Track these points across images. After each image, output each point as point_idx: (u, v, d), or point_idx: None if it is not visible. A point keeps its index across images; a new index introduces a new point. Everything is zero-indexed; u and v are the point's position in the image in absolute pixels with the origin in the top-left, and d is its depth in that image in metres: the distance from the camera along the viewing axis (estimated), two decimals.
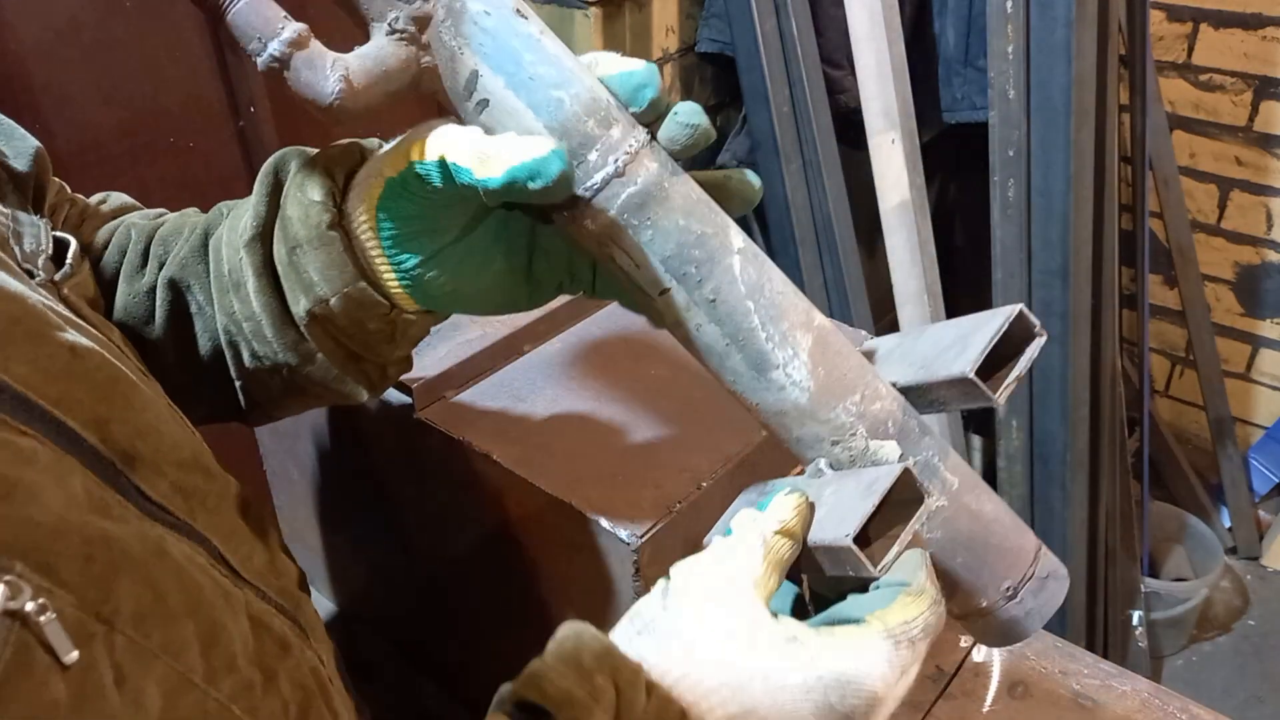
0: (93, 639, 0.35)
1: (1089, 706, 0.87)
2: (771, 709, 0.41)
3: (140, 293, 0.58)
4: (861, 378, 0.46)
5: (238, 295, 0.54)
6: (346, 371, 0.56)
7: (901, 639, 0.42)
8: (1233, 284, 2.27)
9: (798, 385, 0.46)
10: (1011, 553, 0.48)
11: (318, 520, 0.91)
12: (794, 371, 0.46)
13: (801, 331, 0.46)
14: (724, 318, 0.46)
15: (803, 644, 0.41)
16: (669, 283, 0.46)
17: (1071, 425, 1.60)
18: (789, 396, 0.46)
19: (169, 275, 0.57)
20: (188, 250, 0.57)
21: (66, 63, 0.97)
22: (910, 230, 1.58)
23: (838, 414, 0.46)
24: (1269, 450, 2.31)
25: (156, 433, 0.44)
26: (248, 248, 0.53)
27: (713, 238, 0.45)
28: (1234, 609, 2.17)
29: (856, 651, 0.41)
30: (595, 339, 0.80)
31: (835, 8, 1.53)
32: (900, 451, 0.46)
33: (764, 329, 0.46)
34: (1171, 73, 2.13)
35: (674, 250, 0.45)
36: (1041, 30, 1.42)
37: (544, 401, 0.73)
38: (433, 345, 0.76)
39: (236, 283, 0.54)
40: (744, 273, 0.45)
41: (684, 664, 0.42)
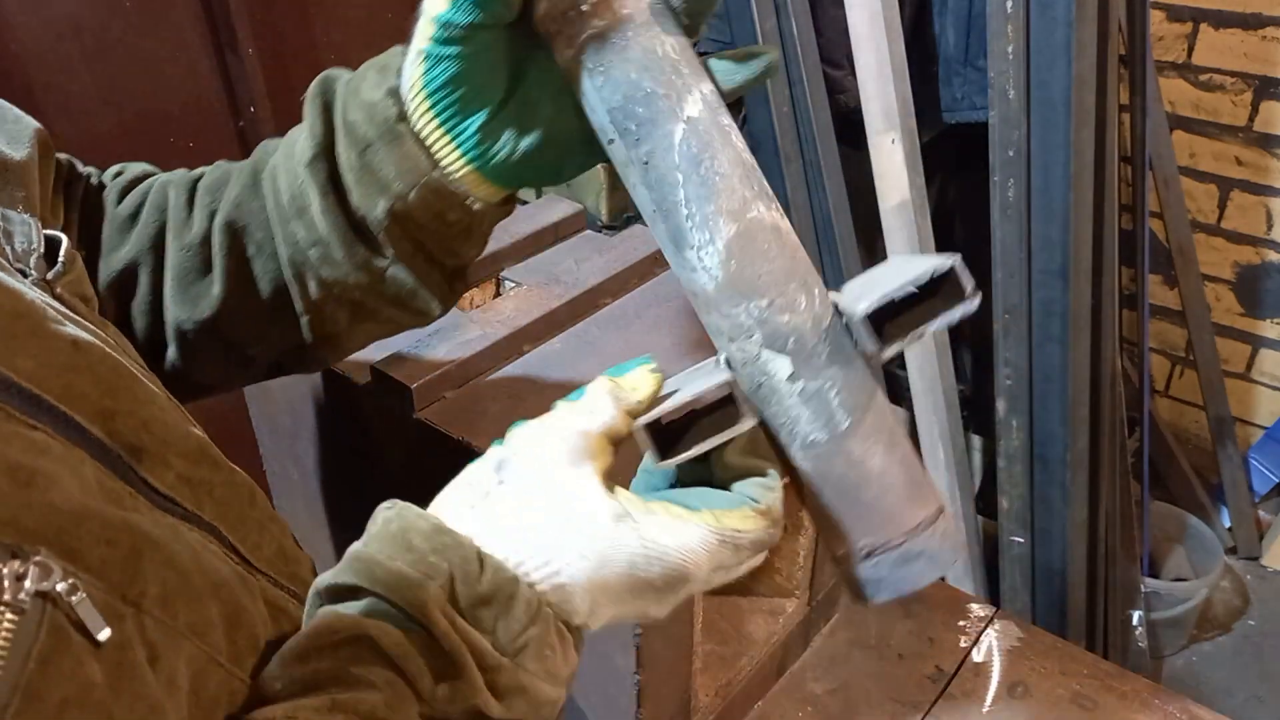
0: (122, 620, 0.35)
1: (1089, 706, 0.87)
2: (596, 582, 0.43)
3: (193, 245, 0.57)
4: (779, 285, 0.44)
5: (302, 220, 0.54)
6: (423, 280, 0.55)
7: (727, 538, 0.43)
8: (1233, 284, 2.27)
9: (707, 271, 0.45)
10: (883, 514, 0.46)
11: (318, 520, 0.91)
12: (706, 257, 0.44)
13: (727, 219, 0.44)
14: (654, 183, 0.45)
15: (631, 519, 0.42)
16: (613, 135, 0.45)
17: (1071, 425, 1.60)
18: (698, 280, 0.45)
19: (224, 219, 0.56)
20: (239, 190, 0.56)
21: (66, 63, 0.97)
22: (910, 230, 1.57)
23: (739, 313, 0.44)
24: (1269, 450, 2.31)
25: (161, 424, 0.44)
26: (310, 167, 0.52)
27: (662, 99, 0.44)
28: (1234, 609, 2.17)
29: (678, 530, 0.43)
30: (595, 339, 0.80)
31: (835, 8, 1.53)
32: (791, 370, 0.44)
33: (686, 205, 0.44)
34: (1171, 73, 2.13)
35: (620, 103, 0.44)
36: (1041, 30, 1.42)
37: (544, 401, 0.73)
38: (433, 345, 0.76)
39: (300, 208, 0.53)
40: (684, 143, 0.44)
41: (516, 542, 0.42)
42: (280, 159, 0.55)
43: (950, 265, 0.41)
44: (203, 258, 0.57)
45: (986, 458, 2.09)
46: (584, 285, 0.83)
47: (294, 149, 0.54)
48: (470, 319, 0.79)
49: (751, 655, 0.85)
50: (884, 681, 0.90)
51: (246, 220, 0.56)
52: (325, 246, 0.53)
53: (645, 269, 0.88)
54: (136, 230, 0.58)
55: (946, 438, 1.68)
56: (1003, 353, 1.61)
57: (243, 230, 0.56)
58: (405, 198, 0.51)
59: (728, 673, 0.83)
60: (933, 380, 1.65)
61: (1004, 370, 1.61)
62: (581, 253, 0.89)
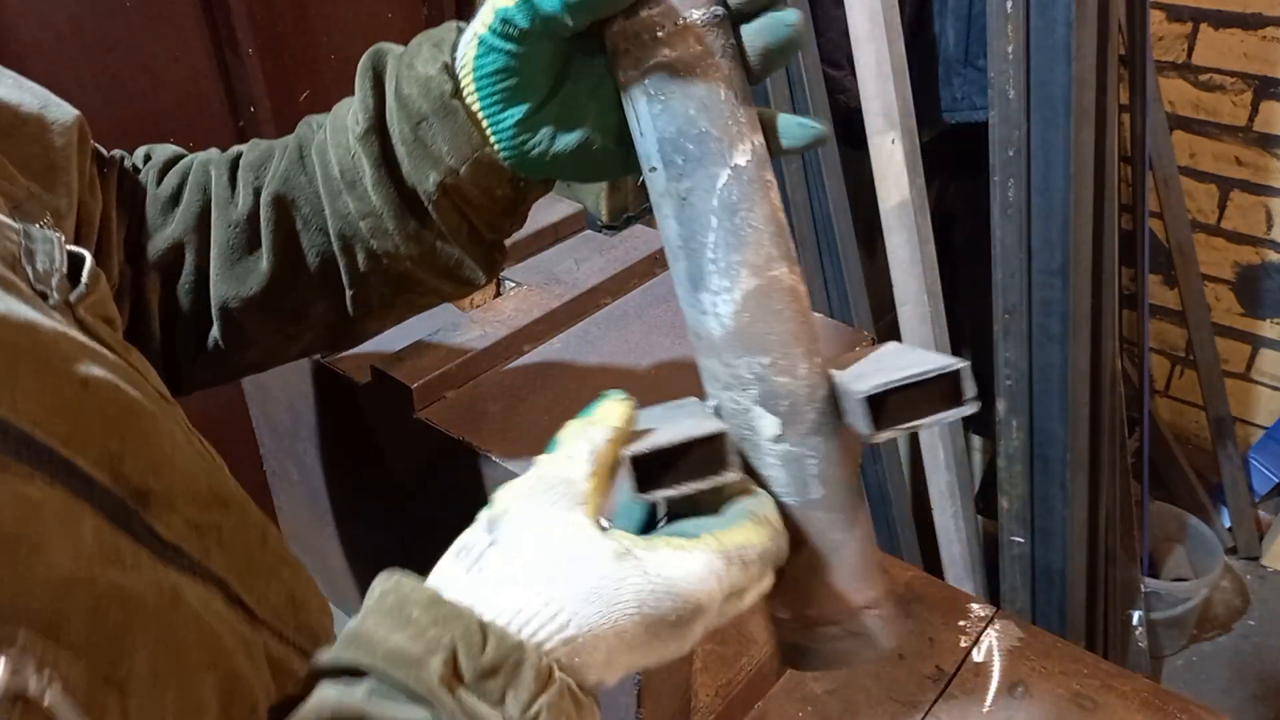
0: (105, 709, 0.33)
1: (1089, 707, 0.87)
2: (608, 628, 0.40)
3: (239, 222, 0.57)
4: (785, 346, 0.45)
5: (353, 193, 0.54)
6: (468, 252, 0.56)
7: (734, 557, 0.42)
8: (1233, 284, 2.27)
9: (719, 318, 0.45)
10: (834, 588, 0.46)
11: (318, 520, 0.91)
12: (721, 304, 0.45)
13: (750, 272, 0.45)
14: (686, 220, 0.45)
15: (633, 557, 0.41)
16: (656, 163, 0.46)
17: (1071, 425, 1.60)
18: (707, 324, 0.46)
19: (272, 193, 0.56)
20: (286, 166, 0.57)
21: (66, 63, 0.97)
22: (910, 230, 1.57)
23: (740, 365, 0.45)
24: (1269, 450, 2.31)
25: (171, 465, 0.43)
26: (362, 140, 0.53)
27: (715, 141, 0.44)
28: (1234, 609, 2.17)
29: (681, 560, 0.41)
30: (595, 339, 0.80)
31: (835, 8, 1.53)
32: (778, 431, 0.45)
33: (714, 250, 0.45)
34: (1171, 73, 2.13)
35: (673, 135, 0.45)
36: (1041, 30, 1.42)
37: (544, 401, 0.73)
38: (433, 345, 0.76)
39: (351, 181, 0.54)
40: (726, 189, 0.44)
41: (517, 598, 0.40)
42: (330, 133, 0.55)
43: (957, 368, 0.42)
44: (250, 234, 0.57)
45: (986, 458, 2.10)
46: (584, 285, 0.83)
47: (344, 122, 0.54)
48: (470, 319, 0.79)
49: (751, 655, 0.85)
50: (884, 681, 0.90)
51: (294, 195, 0.57)
52: (377, 218, 0.54)
53: (645, 269, 0.88)
54: (180, 210, 0.58)
55: (946, 438, 1.68)
56: (1003, 353, 1.61)
57: (291, 204, 0.57)
58: (457, 172, 0.51)
59: (728, 673, 0.83)
60: None
61: (1004, 370, 1.61)
62: (581, 253, 0.89)
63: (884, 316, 1.77)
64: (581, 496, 0.43)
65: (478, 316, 0.79)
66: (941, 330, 1.64)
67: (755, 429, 0.45)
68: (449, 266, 0.56)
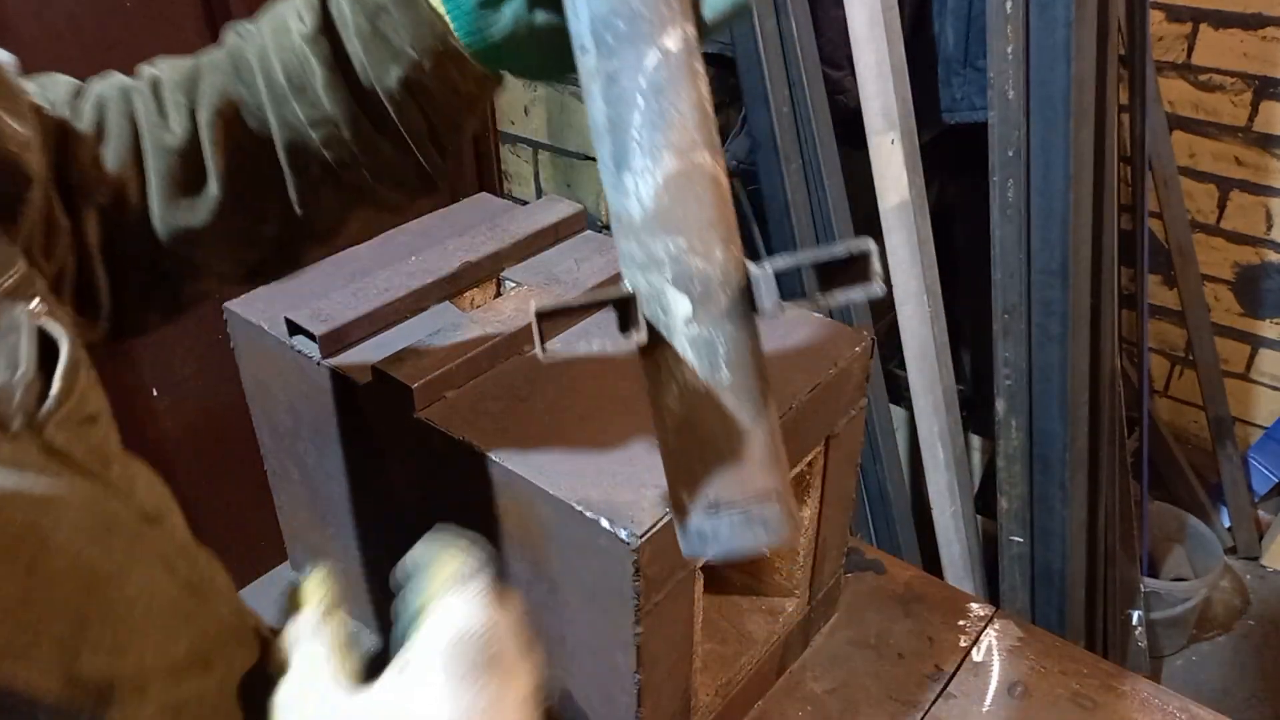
0: None
1: (1089, 706, 0.87)
2: None
3: (178, 149, 0.53)
4: (702, 231, 0.46)
5: (302, 100, 0.51)
6: (425, 155, 0.54)
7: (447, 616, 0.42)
8: (1232, 284, 2.27)
9: (639, 199, 0.46)
10: (738, 472, 0.47)
11: (318, 520, 0.91)
12: (642, 185, 0.46)
13: (672, 154, 0.45)
14: (613, 99, 0.46)
15: (385, 703, 0.41)
16: (588, 43, 0.46)
17: (1071, 425, 1.60)
18: (628, 205, 0.46)
19: (210, 114, 0.52)
20: (221, 80, 0.52)
21: (66, 63, 0.97)
22: (910, 230, 1.57)
23: (657, 246, 0.46)
24: (1269, 450, 2.31)
25: (143, 637, 0.39)
26: (313, 43, 0.49)
27: (646, 23, 0.45)
28: (1234, 609, 2.17)
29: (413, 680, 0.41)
30: (596, 338, 0.80)
31: (835, 8, 1.53)
32: (690, 313, 0.45)
33: (639, 130, 0.45)
34: (1171, 73, 2.13)
35: (605, 13, 0.45)
36: (1041, 30, 1.42)
37: (544, 401, 0.73)
38: (433, 345, 0.76)
39: (300, 86, 0.51)
40: (655, 71, 0.45)
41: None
42: (269, 37, 0.52)
43: (865, 250, 0.43)
44: (192, 161, 0.53)
45: (986, 458, 2.09)
46: (584, 285, 0.83)
47: (286, 24, 0.51)
48: (470, 319, 0.79)
49: (751, 655, 0.85)
50: (884, 681, 0.90)
51: (235, 111, 0.52)
52: (331, 125, 0.51)
53: None
54: (109, 146, 0.53)
55: (946, 438, 1.68)
56: (1002, 353, 1.61)
57: (232, 122, 0.52)
58: (421, 65, 0.49)
59: (728, 672, 0.83)
60: (932, 380, 1.65)
61: (1004, 370, 1.61)
62: (581, 253, 0.89)
63: (884, 316, 1.77)
64: (332, 677, 0.43)
65: (478, 316, 0.79)
66: (941, 330, 1.64)
67: (668, 310, 0.46)
68: (404, 175, 0.54)
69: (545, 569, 0.69)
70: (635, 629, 0.65)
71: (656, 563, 0.64)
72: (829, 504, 0.85)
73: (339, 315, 0.78)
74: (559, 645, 0.72)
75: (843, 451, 0.84)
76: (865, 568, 1.02)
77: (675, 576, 0.67)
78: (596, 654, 0.69)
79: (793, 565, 0.88)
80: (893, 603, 0.98)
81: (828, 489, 0.84)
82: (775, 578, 0.91)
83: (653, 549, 0.62)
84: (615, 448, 0.69)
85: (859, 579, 1.01)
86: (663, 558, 0.64)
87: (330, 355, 0.77)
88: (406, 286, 0.82)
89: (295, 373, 0.80)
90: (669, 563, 0.66)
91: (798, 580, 0.89)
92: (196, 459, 1.15)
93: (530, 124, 1.62)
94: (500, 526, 0.71)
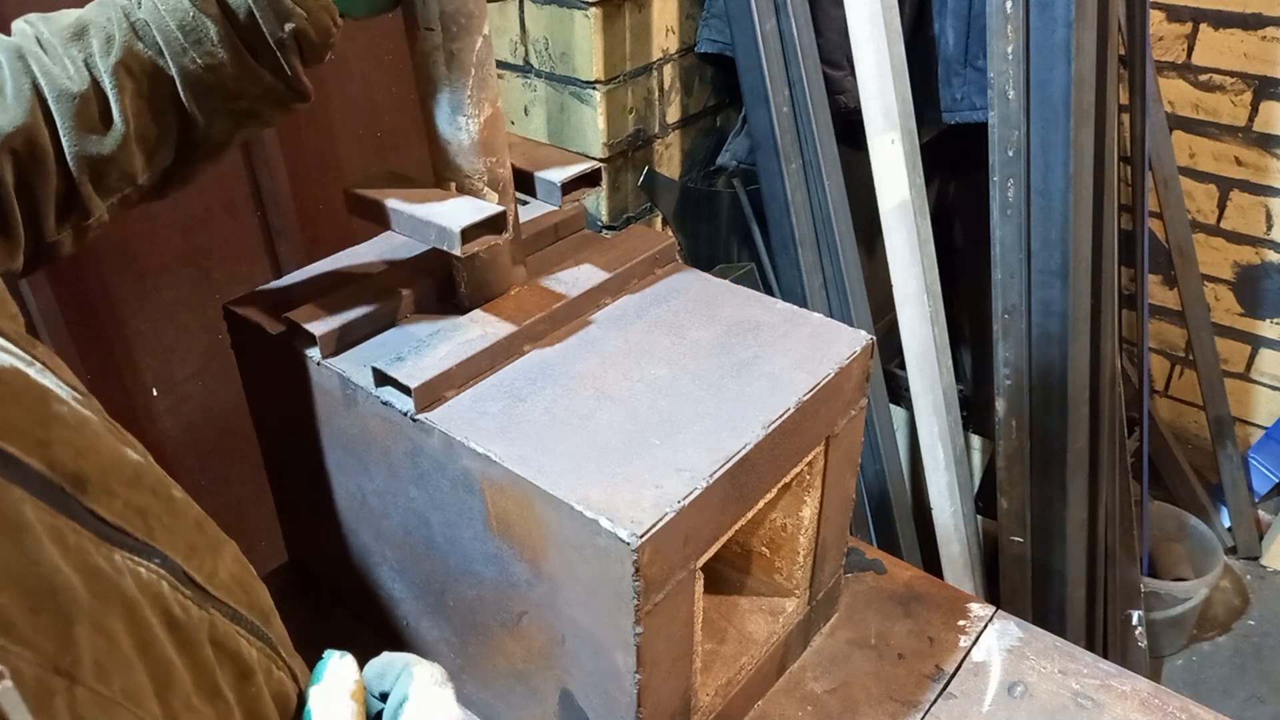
0: (53, 697, 0.34)
1: (1089, 706, 0.87)
2: None
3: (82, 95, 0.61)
4: (503, 151, 0.75)
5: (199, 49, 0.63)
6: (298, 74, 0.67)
7: None
8: (1232, 284, 2.27)
9: (468, 132, 0.72)
10: None
11: (318, 520, 0.91)
12: (471, 124, 0.72)
13: (489, 105, 0.72)
14: (455, 67, 0.69)
15: None
16: (435, 25, 0.68)
17: (1071, 425, 1.60)
18: (460, 137, 0.73)
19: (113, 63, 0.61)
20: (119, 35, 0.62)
21: None
22: (910, 230, 1.58)
23: (478, 161, 0.74)
24: (1269, 450, 2.31)
25: (96, 451, 0.43)
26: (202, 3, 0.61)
27: (475, 17, 0.69)
28: (1234, 609, 2.17)
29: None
30: (595, 339, 0.80)
31: (835, 8, 1.53)
32: (497, 199, 0.75)
33: (471, 90, 0.71)
34: (1171, 73, 2.13)
35: (453, 10, 0.67)
36: (1041, 30, 1.42)
37: (544, 401, 0.73)
38: (433, 345, 0.76)
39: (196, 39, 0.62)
40: (483, 48, 0.70)
41: None
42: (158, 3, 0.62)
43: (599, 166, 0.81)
44: (99, 104, 0.62)
45: (986, 458, 2.09)
46: (584, 285, 0.83)
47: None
48: (470, 319, 0.79)
49: (751, 655, 0.85)
50: (884, 681, 0.90)
51: (136, 60, 0.62)
52: (223, 68, 0.63)
53: (645, 269, 0.88)
54: (9, 99, 0.60)
55: (946, 438, 1.68)
56: (1002, 353, 1.61)
57: (134, 70, 0.62)
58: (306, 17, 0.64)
59: (728, 672, 0.83)
60: (932, 380, 1.65)
61: (1004, 370, 1.61)
62: (581, 253, 0.89)
63: (884, 316, 1.77)
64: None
65: (478, 316, 0.79)
66: (941, 330, 1.64)
67: (483, 197, 0.75)
68: (282, 94, 0.67)
69: (545, 569, 0.69)
70: (635, 629, 0.65)
71: (656, 563, 0.64)
72: (829, 504, 0.85)
73: (339, 315, 0.78)
74: (559, 645, 0.72)
75: (843, 451, 0.84)
76: (865, 568, 1.02)
77: (675, 576, 0.67)
78: (596, 654, 0.69)
79: (793, 565, 0.88)
80: (893, 603, 0.98)
81: (828, 489, 0.84)
82: (775, 578, 0.91)
83: (653, 549, 0.62)
84: (615, 448, 0.69)
85: (859, 579, 1.01)
86: (663, 558, 0.64)
87: (330, 355, 0.77)
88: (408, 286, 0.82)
89: (295, 372, 0.80)
90: (669, 563, 0.66)
91: (798, 580, 0.89)
92: (196, 459, 1.15)
93: (530, 124, 1.62)
94: (500, 527, 0.71)
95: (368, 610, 0.93)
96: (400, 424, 0.73)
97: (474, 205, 0.73)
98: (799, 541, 0.86)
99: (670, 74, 1.65)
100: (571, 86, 1.54)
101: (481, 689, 0.84)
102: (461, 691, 0.87)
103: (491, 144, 0.73)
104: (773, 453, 0.73)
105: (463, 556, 0.76)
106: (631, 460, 0.67)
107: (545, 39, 1.53)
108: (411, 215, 0.72)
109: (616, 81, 1.54)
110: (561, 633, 0.71)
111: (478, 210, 0.72)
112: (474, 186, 0.74)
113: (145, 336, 1.18)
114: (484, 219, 0.71)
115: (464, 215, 0.71)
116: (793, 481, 0.82)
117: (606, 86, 1.52)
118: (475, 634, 0.80)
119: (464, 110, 0.71)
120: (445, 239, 0.70)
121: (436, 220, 0.71)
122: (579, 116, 1.56)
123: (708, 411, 0.72)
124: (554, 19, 1.50)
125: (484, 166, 0.74)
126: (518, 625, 0.75)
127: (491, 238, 0.73)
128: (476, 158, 0.73)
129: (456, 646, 0.84)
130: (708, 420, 0.71)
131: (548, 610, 0.71)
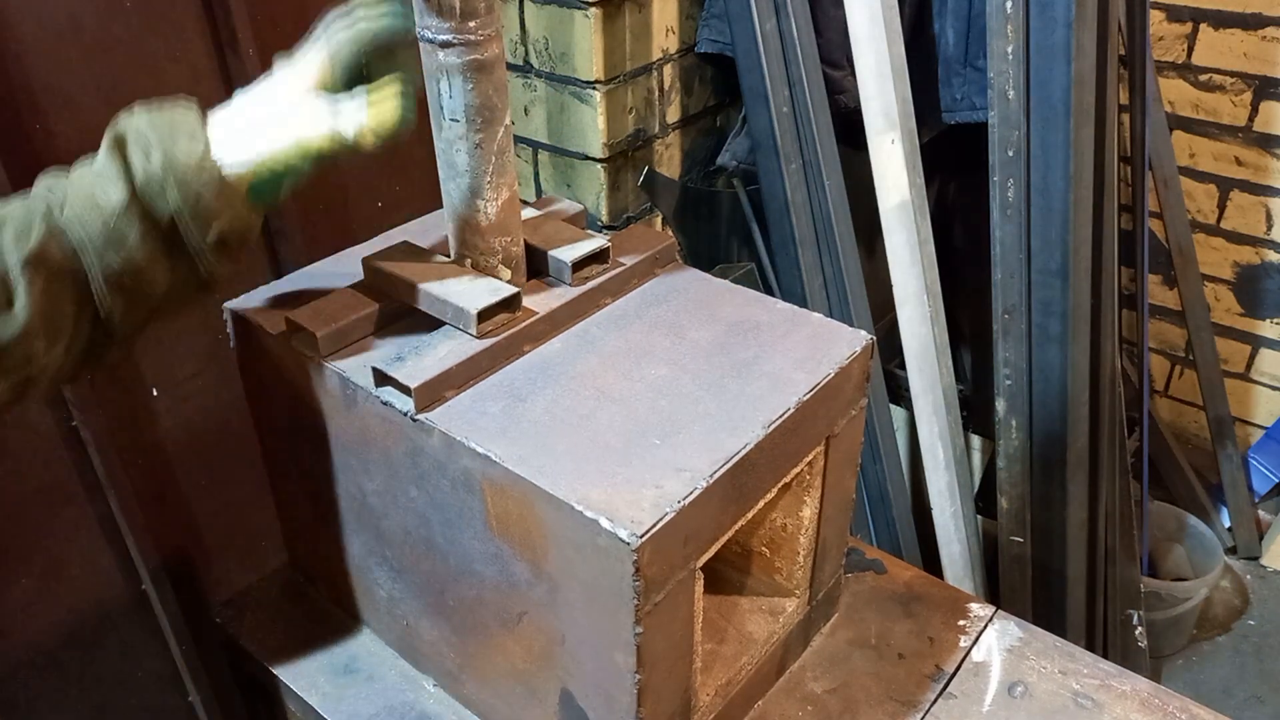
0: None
1: (1089, 706, 0.87)
2: None
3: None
4: (518, 231, 0.81)
5: (119, 252, 0.64)
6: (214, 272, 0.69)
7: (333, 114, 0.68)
8: (1232, 284, 2.27)
9: (486, 215, 0.77)
10: None
11: (318, 520, 0.91)
12: (489, 207, 0.77)
13: (507, 189, 0.77)
14: (477, 157, 0.74)
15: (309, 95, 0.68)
16: (460, 118, 0.72)
17: (1071, 425, 1.60)
18: (477, 218, 0.77)
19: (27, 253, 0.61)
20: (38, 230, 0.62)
21: (66, 63, 0.97)
22: (910, 230, 1.57)
23: (493, 241, 0.79)
24: (1269, 450, 2.31)
25: None
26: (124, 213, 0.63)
27: (499, 110, 0.73)
28: (1234, 609, 2.17)
29: None
30: (595, 339, 0.80)
31: (835, 8, 1.53)
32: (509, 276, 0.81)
33: (491, 175, 0.75)
34: (1171, 73, 2.13)
35: (479, 104, 0.72)
36: (1041, 30, 1.42)
37: (544, 401, 0.73)
38: (433, 345, 0.76)
39: (117, 242, 0.64)
40: (503, 138, 0.74)
41: None
42: (82, 204, 0.63)
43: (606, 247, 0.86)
44: (2, 292, 0.61)
45: (986, 458, 2.09)
46: (584, 285, 0.83)
47: (91, 192, 0.64)
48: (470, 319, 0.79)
49: (751, 655, 0.85)
50: (884, 681, 0.90)
51: (48, 255, 0.62)
52: (139, 270, 0.65)
53: (645, 269, 0.88)
54: None
55: (946, 438, 1.68)
56: (1002, 353, 1.61)
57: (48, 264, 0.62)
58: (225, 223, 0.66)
59: (728, 672, 0.83)
60: (932, 380, 1.65)
61: (1004, 370, 1.61)
62: None
63: (884, 316, 1.77)
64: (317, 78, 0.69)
65: None
66: (941, 330, 1.64)
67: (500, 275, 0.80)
68: (192, 291, 0.69)
69: (545, 569, 0.69)
70: (635, 629, 0.65)
71: (656, 563, 0.64)
72: (829, 504, 0.85)
73: (340, 315, 0.78)
74: (559, 645, 0.72)
75: (843, 451, 0.84)
76: (865, 568, 1.02)
77: (675, 576, 0.67)
78: (597, 654, 0.69)
79: (793, 565, 0.88)
80: (893, 603, 0.98)
81: (828, 489, 0.84)
82: (775, 578, 0.91)
83: (653, 549, 0.62)
84: (615, 448, 0.69)
85: (859, 579, 1.01)
86: (663, 558, 0.64)
87: (331, 355, 0.77)
88: None
89: (295, 372, 0.80)
90: (669, 563, 0.66)
91: (798, 580, 0.89)
92: (196, 459, 1.15)
93: (530, 124, 1.62)
94: (500, 526, 0.71)
95: (367, 610, 0.93)
96: (400, 424, 0.73)
97: (489, 286, 0.77)
98: (799, 541, 0.86)
99: (670, 74, 1.65)
100: (571, 86, 1.54)
101: (481, 689, 0.84)
102: (461, 691, 0.87)
103: (507, 225, 0.78)
104: (773, 453, 0.73)
105: (463, 556, 0.76)
106: (632, 460, 0.67)
107: (545, 39, 1.53)
108: (429, 293, 0.77)
109: (616, 81, 1.54)
110: (561, 633, 0.71)
111: (493, 292, 0.76)
112: (488, 264, 0.79)
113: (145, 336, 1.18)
114: (499, 301, 0.76)
115: (480, 297, 0.75)
116: (793, 481, 0.82)
117: (606, 86, 1.52)
118: (475, 634, 0.80)
119: (483, 195, 0.75)
120: (461, 319, 0.76)
121: (454, 301, 0.76)
122: (579, 116, 1.56)
123: (708, 411, 0.72)
124: (554, 19, 1.50)
125: (499, 245, 0.79)
126: (518, 625, 0.75)
127: (505, 315, 0.77)
128: (492, 237, 0.78)
129: (456, 646, 0.84)
130: (708, 420, 0.71)
131: (548, 610, 0.71)
